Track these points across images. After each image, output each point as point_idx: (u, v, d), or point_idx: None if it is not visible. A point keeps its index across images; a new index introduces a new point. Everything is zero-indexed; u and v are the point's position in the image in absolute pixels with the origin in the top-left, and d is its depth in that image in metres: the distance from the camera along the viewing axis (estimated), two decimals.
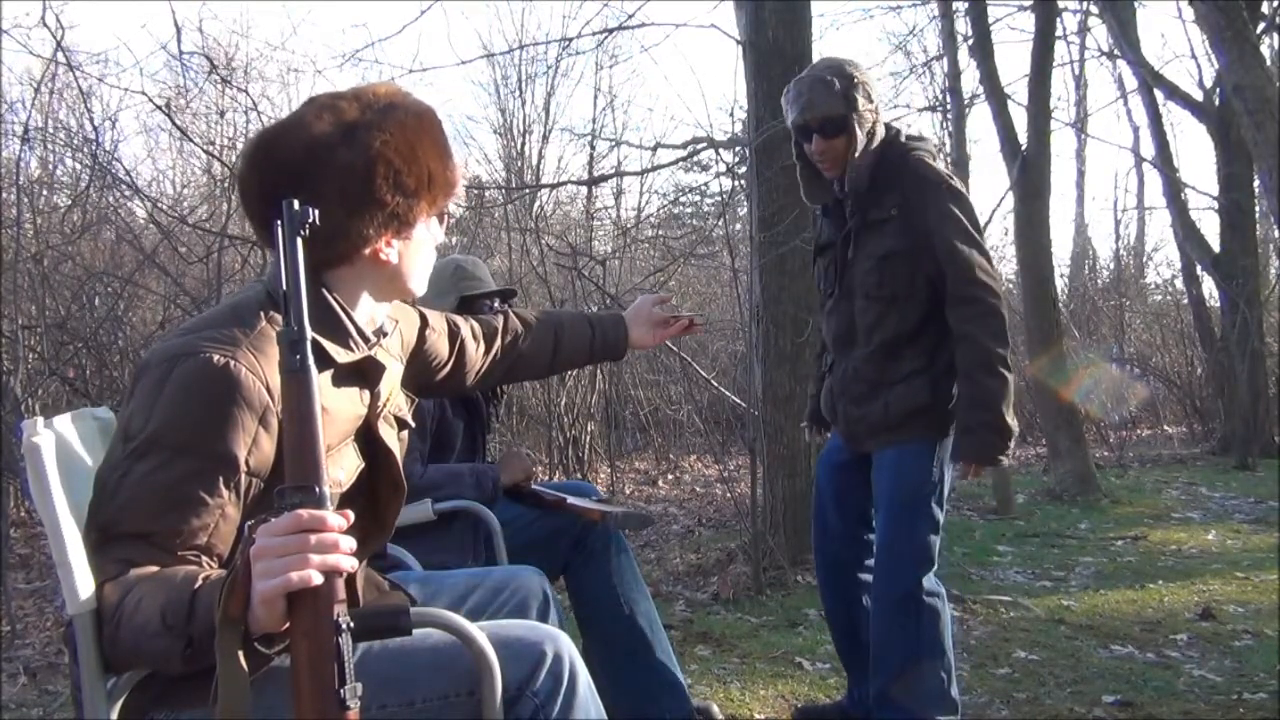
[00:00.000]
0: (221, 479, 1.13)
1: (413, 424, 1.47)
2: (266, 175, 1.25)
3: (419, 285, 1.38)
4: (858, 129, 2.19)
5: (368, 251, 1.27)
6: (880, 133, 2.26)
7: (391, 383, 1.39)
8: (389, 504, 1.31)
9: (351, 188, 1.22)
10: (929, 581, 2.26)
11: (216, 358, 1.14)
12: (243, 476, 1.15)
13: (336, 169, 1.22)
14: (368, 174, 1.23)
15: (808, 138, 2.25)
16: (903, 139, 2.30)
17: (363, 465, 1.31)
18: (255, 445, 1.15)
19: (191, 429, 1.12)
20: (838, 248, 2.35)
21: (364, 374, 1.30)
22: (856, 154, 2.21)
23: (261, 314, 1.22)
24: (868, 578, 2.41)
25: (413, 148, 1.27)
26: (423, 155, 1.28)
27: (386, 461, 1.31)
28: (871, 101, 2.23)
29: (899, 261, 2.23)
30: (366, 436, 1.32)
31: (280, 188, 1.19)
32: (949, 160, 6.20)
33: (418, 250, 1.34)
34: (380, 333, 1.36)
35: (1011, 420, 2.19)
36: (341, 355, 1.25)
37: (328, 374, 1.23)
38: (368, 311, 1.33)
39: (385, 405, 1.37)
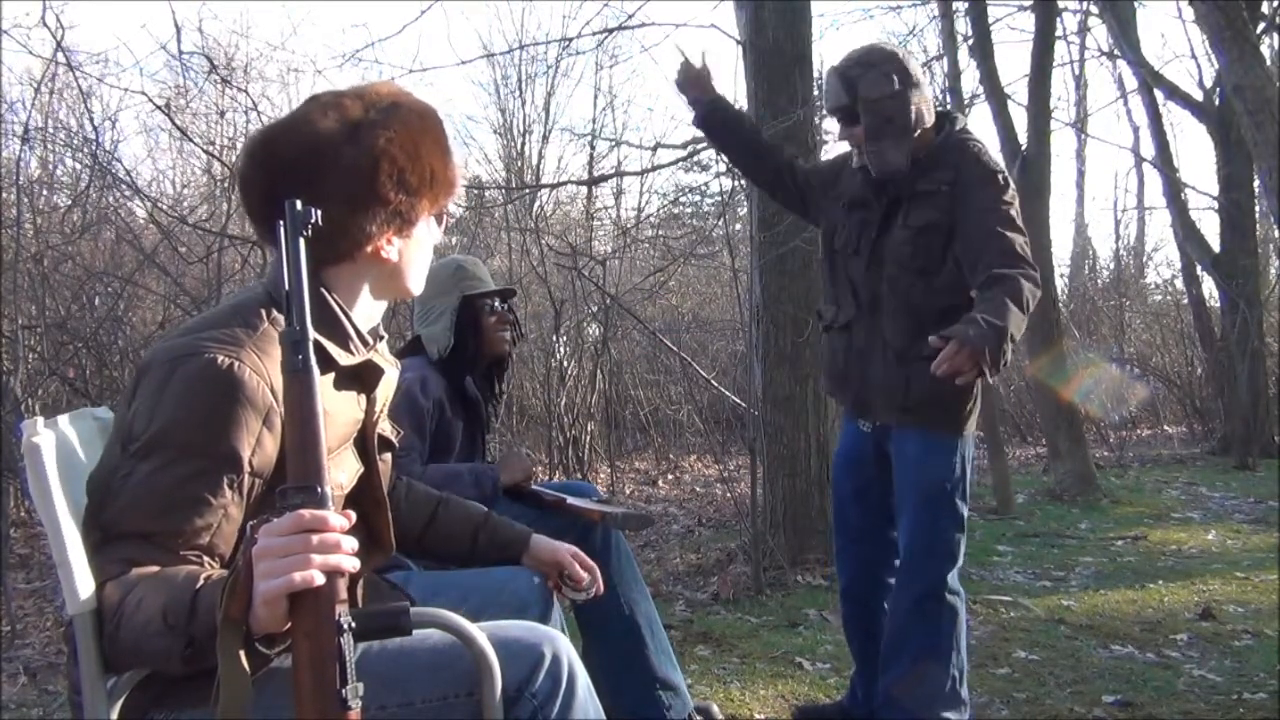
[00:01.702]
0: (225, 479, 1.13)
1: (397, 445, 1.47)
2: (270, 173, 1.25)
3: (417, 284, 1.39)
4: (864, 117, 2.25)
5: (369, 249, 1.28)
6: (927, 117, 2.28)
7: (387, 390, 1.39)
8: (375, 520, 1.30)
9: (356, 185, 1.23)
10: (952, 579, 2.25)
11: (221, 358, 1.14)
12: (246, 477, 1.15)
13: (341, 167, 1.23)
14: (372, 172, 1.24)
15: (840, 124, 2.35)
16: (958, 125, 2.35)
17: (363, 469, 1.31)
18: (259, 446, 1.15)
19: (195, 429, 1.12)
20: (873, 210, 2.36)
21: (362, 378, 1.30)
22: (869, 140, 2.26)
23: (263, 314, 1.22)
24: (892, 579, 2.39)
25: (416, 146, 1.27)
26: (425, 154, 1.29)
27: (372, 477, 1.31)
28: (891, 87, 2.25)
29: (934, 235, 2.25)
30: (361, 444, 1.32)
31: (284, 185, 1.19)
32: None
33: (417, 249, 1.35)
34: (376, 335, 1.37)
35: (1008, 347, 1.98)
36: (343, 358, 1.26)
37: (329, 376, 1.23)
38: (365, 311, 1.34)
39: (381, 413, 1.37)
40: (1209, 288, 9.06)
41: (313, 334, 1.09)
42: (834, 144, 2.42)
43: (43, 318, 4.63)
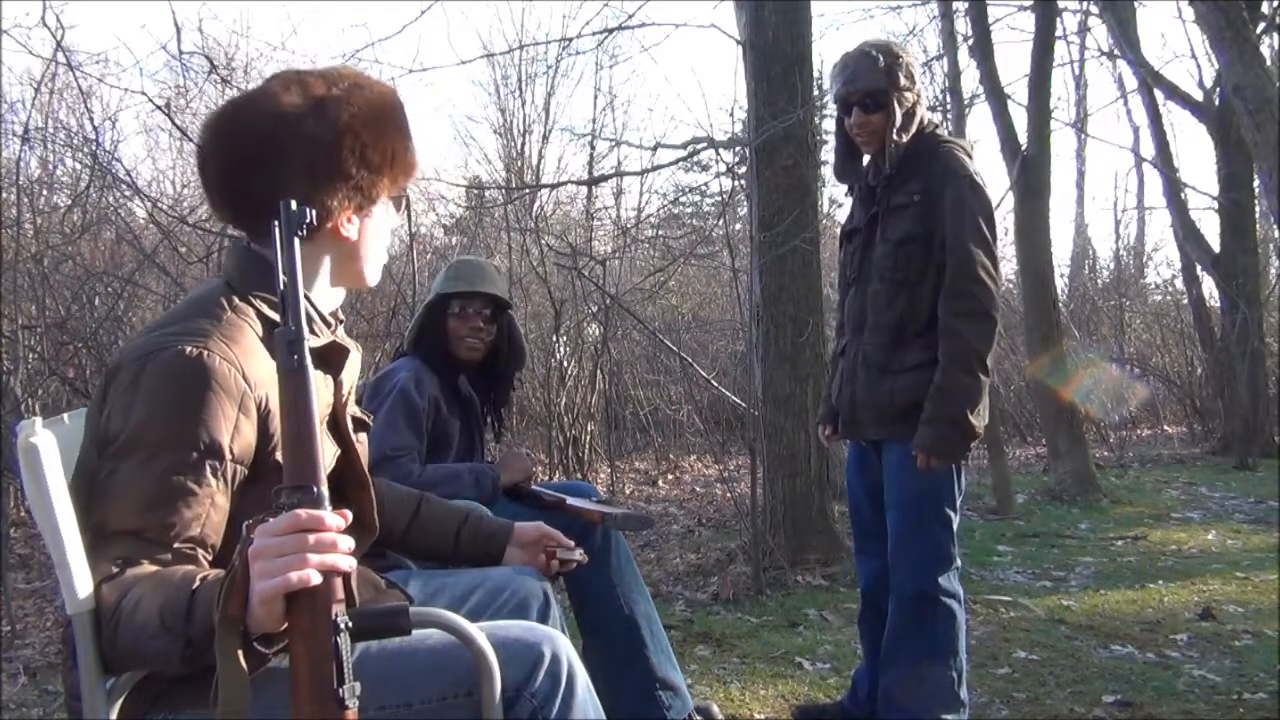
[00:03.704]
0: (207, 468, 1.13)
1: (371, 425, 1.47)
2: (232, 146, 1.26)
3: (373, 272, 1.39)
4: (896, 106, 2.23)
5: (329, 226, 1.28)
6: (921, 116, 2.28)
7: (353, 372, 1.39)
8: (359, 502, 1.29)
9: (318, 158, 1.24)
10: (946, 581, 2.25)
11: (189, 349, 1.14)
12: (228, 464, 1.15)
13: (303, 139, 1.23)
14: (335, 146, 1.25)
15: (848, 112, 2.29)
16: (938, 132, 2.33)
17: (340, 452, 1.30)
18: (237, 432, 1.15)
19: (171, 421, 1.12)
20: (863, 233, 2.37)
21: (328, 359, 1.29)
22: (894, 132, 2.23)
23: (225, 304, 1.23)
24: None
25: (378, 124, 1.29)
26: (386, 133, 1.30)
27: (351, 458, 1.31)
28: (914, 83, 2.26)
29: (914, 247, 2.24)
30: (334, 426, 1.31)
31: (246, 159, 1.23)
32: None
33: (375, 231, 1.36)
34: (337, 318, 1.36)
35: (976, 421, 2.17)
36: (308, 340, 1.24)
37: None
38: (324, 293, 1.34)
39: (349, 395, 1.36)
40: (1209, 288, 9.06)
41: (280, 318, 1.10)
42: (832, 143, 2.39)
43: (43, 318, 4.63)
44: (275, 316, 1.25)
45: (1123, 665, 3.01)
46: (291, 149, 1.23)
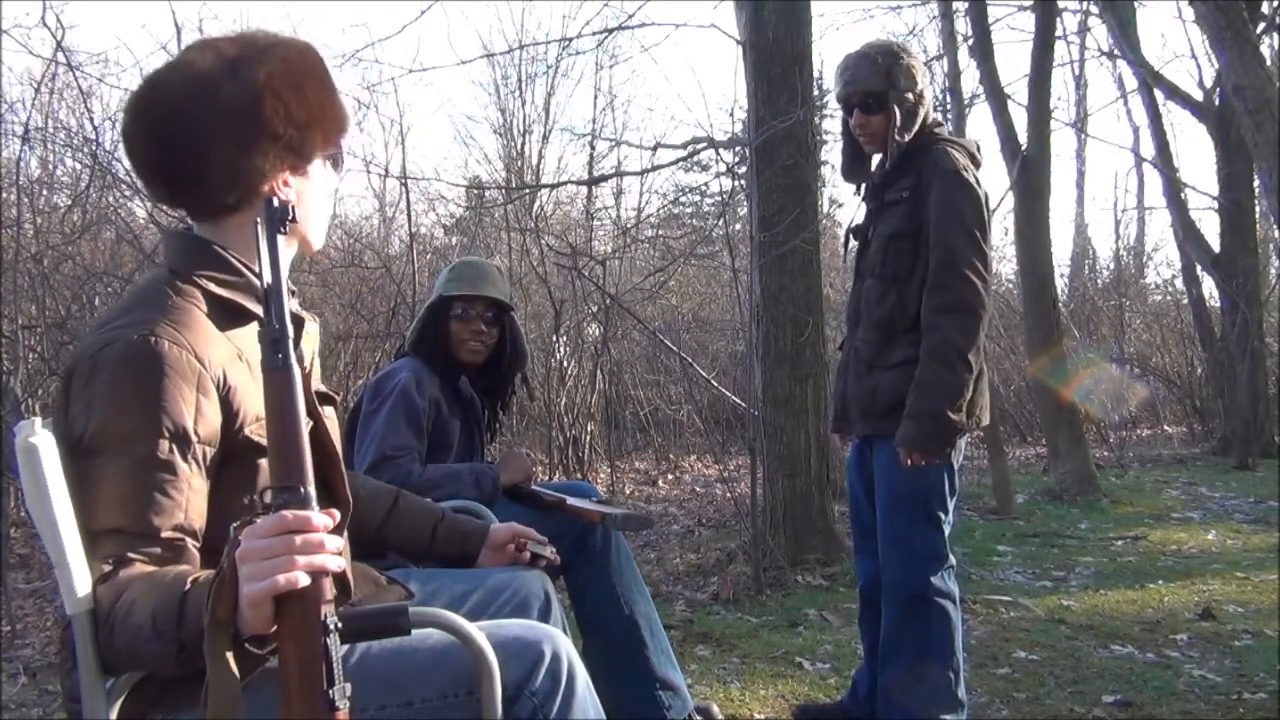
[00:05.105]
0: (177, 453, 1.13)
1: (336, 399, 1.46)
2: (154, 122, 1.24)
3: (316, 235, 1.38)
4: (896, 107, 2.23)
5: (265, 189, 1.25)
6: (925, 116, 2.29)
7: (311, 343, 1.37)
8: (329, 476, 1.24)
9: (241, 122, 1.22)
10: (940, 581, 2.24)
11: (135, 337, 1.14)
12: (196, 446, 1.14)
13: (223, 104, 1.21)
14: (256, 106, 1.22)
15: (850, 112, 2.31)
16: (936, 131, 2.33)
17: (311, 423, 1.29)
18: (199, 413, 1.14)
19: (133, 413, 1.12)
20: (864, 230, 2.40)
21: None
22: (895, 132, 2.24)
23: (169, 289, 1.22)
24: None
25: (298, 80, 1.26)
26: (309, 88, 1.28)
27: (318, 432, 1.29)
28: (915, 84, 2.26)
29: (904, 242, 2.25)
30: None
31: (169, 133, 1.21)
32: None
33: (315, 193, 1.34)
34: (289, 291, 1.35)
35: (957, 417, 2.15)
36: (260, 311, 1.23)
37: (251, 331, 1.17)
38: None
39: (311, 366, 1.35)
40: (1209, 288, 9.07)
41: (228, 294, 1.15)
42: (833, 144, 2.43)
43: (43, 318, 4.63)
44: (223, 293, 1.24)
45: (1123, 665, 3.01)
46: (212, 115, 1.21)
